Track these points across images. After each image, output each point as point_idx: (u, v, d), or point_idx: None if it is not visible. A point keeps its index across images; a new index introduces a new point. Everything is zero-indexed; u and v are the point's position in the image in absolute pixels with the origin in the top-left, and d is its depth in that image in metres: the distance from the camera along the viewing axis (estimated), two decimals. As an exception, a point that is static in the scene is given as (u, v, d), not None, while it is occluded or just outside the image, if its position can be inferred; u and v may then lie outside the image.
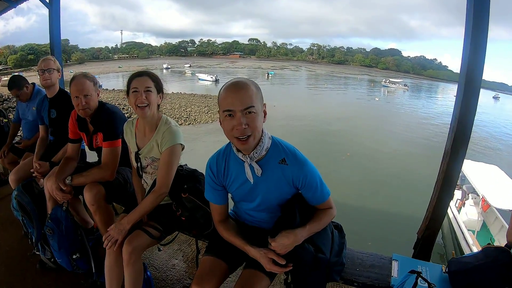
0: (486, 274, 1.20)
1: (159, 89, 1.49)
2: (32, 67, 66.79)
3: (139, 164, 1.55)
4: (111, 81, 41.44)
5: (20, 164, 2.31)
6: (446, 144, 1.57)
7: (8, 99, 18.44)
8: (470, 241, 6.51)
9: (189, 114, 20.89)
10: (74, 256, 1.69)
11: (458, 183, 9.61)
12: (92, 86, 1.74)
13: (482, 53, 1.43)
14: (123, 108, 16.42)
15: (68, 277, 1.84)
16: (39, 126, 2.37)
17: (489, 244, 1.33)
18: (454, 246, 7.16)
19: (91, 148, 1.89)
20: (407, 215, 7.97)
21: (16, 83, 2.55)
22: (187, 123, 18.82)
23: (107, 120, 1.72)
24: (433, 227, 1.73)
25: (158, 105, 1.51)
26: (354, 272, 1.42)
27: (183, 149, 1.52)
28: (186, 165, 1.59)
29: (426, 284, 1.22)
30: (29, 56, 73.69)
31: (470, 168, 8.50)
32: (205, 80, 45.54)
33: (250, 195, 1.21)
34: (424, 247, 1.78)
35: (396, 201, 9.21)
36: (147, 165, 1.54)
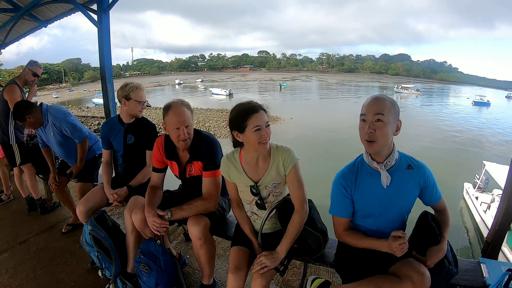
0: None
1: None
2: (46, 86, 69.88)
3: (258, 197, 1.48)
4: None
5: (88, 194, 2.12)
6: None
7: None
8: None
9: (208, 129, 20.83)
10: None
11: (483, 187, 9.78)
12: (191, 114, 1.64)
13: None
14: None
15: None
16: (103, 150, 2.26)
17: None
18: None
19: (182, 177, 1.79)
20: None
21: (27, 108, 2.36)
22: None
23: (207, 149, 1.66)
24: (501, 231, 1.86)
25: None
26: (455, 276, 1.47)
27: None
28: None
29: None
30: (43, 75, 76.99)
31: (497, 171, 8.77)
32: (219, 95, 44.47)
33: (380, 203, 1.28)
34: (492, 249, 1.93)
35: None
36: (269, 194, 1.48)
